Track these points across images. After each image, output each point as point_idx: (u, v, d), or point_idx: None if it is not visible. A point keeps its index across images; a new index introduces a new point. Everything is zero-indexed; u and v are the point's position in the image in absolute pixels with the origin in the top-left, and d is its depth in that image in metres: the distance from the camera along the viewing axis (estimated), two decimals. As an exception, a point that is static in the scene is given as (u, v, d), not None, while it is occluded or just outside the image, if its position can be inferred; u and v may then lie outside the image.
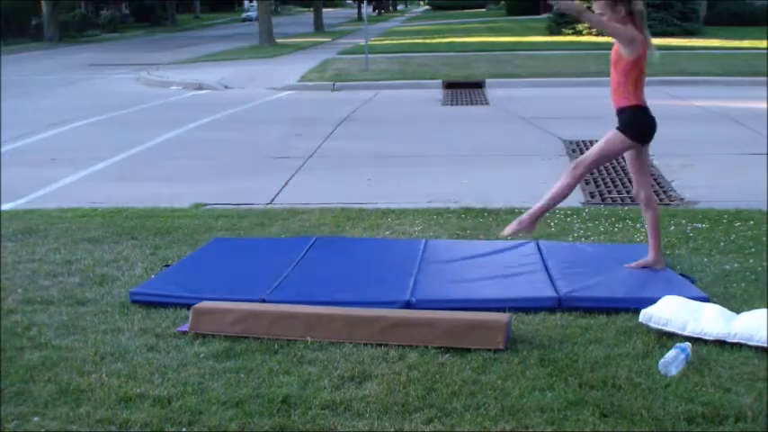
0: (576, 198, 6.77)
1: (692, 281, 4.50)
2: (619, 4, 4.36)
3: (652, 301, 3.95)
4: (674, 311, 3.78)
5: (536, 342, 3.74)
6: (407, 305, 4.19)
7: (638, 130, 4.54)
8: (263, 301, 4.26)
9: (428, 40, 27.12)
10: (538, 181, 7.41)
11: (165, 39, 39.21)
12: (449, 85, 15.21)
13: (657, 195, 6.76)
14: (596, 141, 4.77)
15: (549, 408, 3.11)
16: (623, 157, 8.37)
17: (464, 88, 14.96)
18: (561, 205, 6.42)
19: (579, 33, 26.88)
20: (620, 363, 3.48)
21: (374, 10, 67.23)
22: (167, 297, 4.35)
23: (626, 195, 6.80)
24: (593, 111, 11.94)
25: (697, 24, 27.12)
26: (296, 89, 15.96)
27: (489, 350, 3.62)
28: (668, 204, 6.48)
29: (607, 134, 4.62)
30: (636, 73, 4.46)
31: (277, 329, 3.86)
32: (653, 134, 4.61)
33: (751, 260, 4.89)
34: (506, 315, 3.86)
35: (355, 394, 3.26)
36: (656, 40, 4.65)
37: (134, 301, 4.36)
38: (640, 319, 3.83)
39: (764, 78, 14.28)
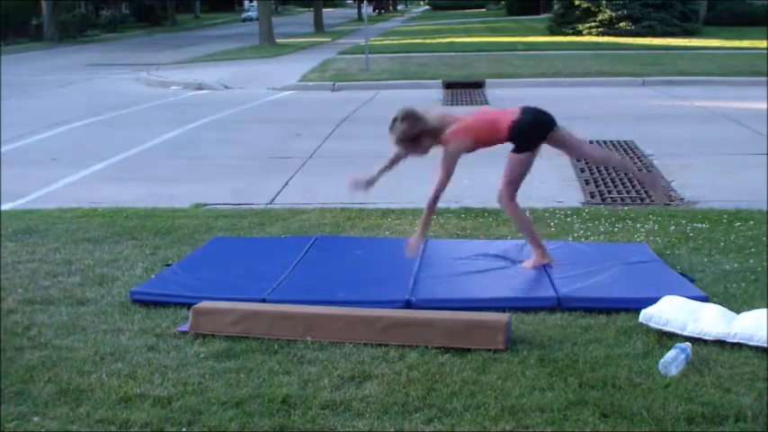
0: (576, 198, 6.78)
1: (692, 280, 4.50)
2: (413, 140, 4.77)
3: (652, 301, 3.95)
4: (674, 311, 3.78)
5: (536, 342, 3.74)
6: (407, 305, 4.20)
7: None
8: (264, 300, 4.26)
9: (428, 40, 27.12)
10: (538, 181, 7.41)
11: (165, 39, 39.21)
12: (449, 85, 15.21)
13: (657, 195, 6.77)
14: (596, 141, 4.78)
15: (549, 408, 3.11)
16: (622, 157, 8.34)
17: (464, 88, 14.96)
18: (561, 205, 6.46)
19: (579, 33, 26.89)
20: (620, 363, 3.49)
21: (374, 10, 67.22)
22: (168, 296, 4.35)
23: (626, 195, 6.80)
24: (593, 111, 11.94)
25: (697, 24, 27.14)
26: (296, 89, 15.96)
27: (489, 350, 3.63)
28: (668, 204, 6.48)
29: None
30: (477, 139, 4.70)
31: (277, 329, 3.86)
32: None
33: (751, 260, 4.89)
34: (506, 315, 3.87)
35: (355, 394, 3.26)
36: (656, 40, 4.67)
37: (134, 301, 4.36)
38: (640, 319, 3.83)
39: (764, 78, 14.28)
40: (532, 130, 4.70)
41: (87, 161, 8.83)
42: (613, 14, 26.41)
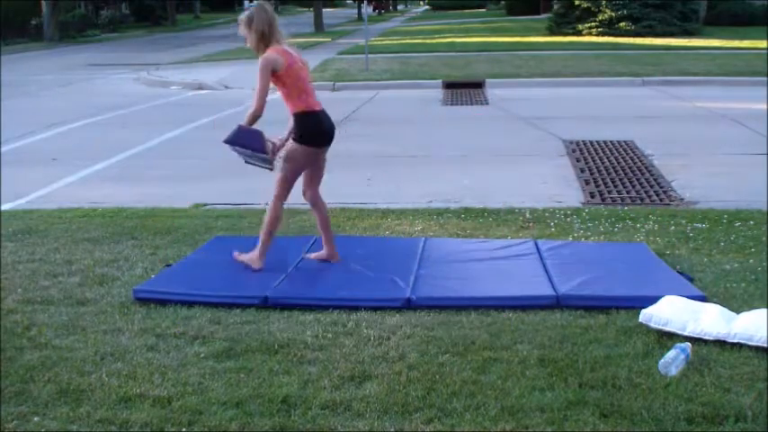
0: (576, 198, 6.78)
1: (690, 279, 4.51)
2: (251, 29, 4.65)
3: (649, 299, 3.96)
4: (674, 311, 3.78)
5: (536, 342, 3.74)
6: (408, 303, 4.20)
7: (307, 133, 4.67)
8: (267, 299, 4.27)
9: (428, 40, 27.11)
10: (538, 181, 7.42)
11: (165, 39, 39.17)
12: (449, 85, 15.19)
13: (657, 195, 6.77)
14: (596, 141, 4.77)
15: (549, 408, 3.11)
16: (623, 158, 8.36)
17: (464, 88, 14.94)
18: (561, 205, 6.46)
19: (579, 33, 26.87)
20: (620, 363, 3.49)
21: (374, 10, 67.19)
22: (170, 294, 4.36)
23: (626, 195, 6.80)
24: (593, 111, 11.94)
25: (697, 24, 27.11)
26: (296, 89, 15.93)
27: (489, 350, 3.62)
28: (668, 204, 6.48)
29: (286, 147, 4.71)
30: (291, 81, 4.61)
31: None
32: (327, 136, 4.73)
33: (751, 260, 4.89)
34: None
35: (355, 394, 3.26)
36: (656, 40, 4.67)
37: (137, 299, 4.36)
38: (640, 319, 3.83)
39: (764, 78, 14.28)
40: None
41: (87, 161, 8.83)
42: (613, 14, 26.39)
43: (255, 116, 4.62)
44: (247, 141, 4.51)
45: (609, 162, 8.07)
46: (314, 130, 4.73)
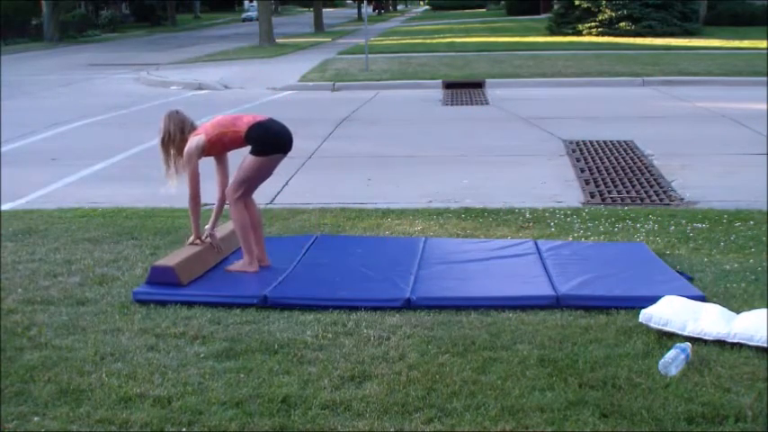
0: (576, 198, 6.78)
1: (690, 278, 4.51)
2: (165, 143, 4.95)
3: (649, 299, 3.96)
4: (674, 311, 3.78)
5: (536, 342, 3.74)
6: (408, 303, 4.21)
7: (260, 142, 4.76)
8: (266, 298, 4.27)
9: (428, 40, 27.12)
10: (538, 181, 7.42)
11: (165, 39, 39.19)
12: (449, 85, 15.20)
13: (657, 195, 6.77)
14: (596, 141, 4.77)
15: (549, 408, 3.11)
16: (623, 158, 8.37)
17: (464, 88, 14.95)
18: (561, 205, 6.46)
19: (579, 33, 26.89)
20: (620, 363, 3.49)
21: (374, 10, 67.21)
22: (170, 295, 4.36)
23: (626, 195, 6.80)
24: (593, 111, 11.95)
25: (697, 24, 27.14)
26: (296, 89, 15.95)
27: (489, 350, 3.63)
28: (668, 204, 6.48)
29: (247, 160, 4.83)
30: (218, 131, 4.86)
31: None
32: (281, 139, 4.83)
33: (751, 260, 4.89)
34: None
35: (355, 394, 3.26)
36: (656, 40, 4.67)
37: (137, 301, 4.36)
38: (640, 319, 3.83)
39: (764, 78, 14.28)
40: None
41: (87, 161, 8.83)
42: (613, 14, 26.42)
43: (194, 198, 4.93)
44: (162, 279, 4.50)
45: (609, 162, 8.07)
46: (265, 137, 4.79)
